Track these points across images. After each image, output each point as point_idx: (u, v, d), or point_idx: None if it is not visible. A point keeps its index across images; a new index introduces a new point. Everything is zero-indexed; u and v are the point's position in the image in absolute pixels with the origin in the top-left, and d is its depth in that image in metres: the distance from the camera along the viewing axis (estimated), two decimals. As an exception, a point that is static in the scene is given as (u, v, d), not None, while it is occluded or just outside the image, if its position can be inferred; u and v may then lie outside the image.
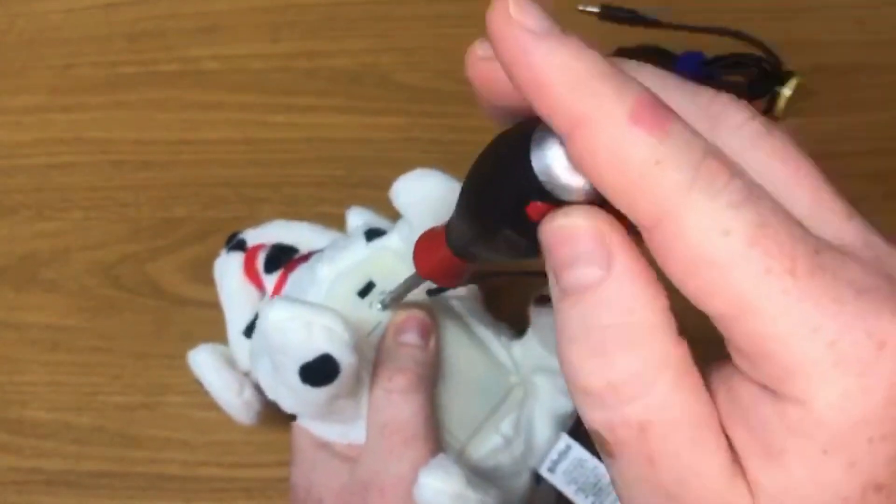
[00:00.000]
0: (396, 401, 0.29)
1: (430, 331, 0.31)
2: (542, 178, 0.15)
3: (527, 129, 0.15)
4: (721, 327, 0.15)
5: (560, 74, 0.14)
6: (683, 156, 0.14)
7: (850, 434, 0.14)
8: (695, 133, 0.14)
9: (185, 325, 0.44)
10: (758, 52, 0.52)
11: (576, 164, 0.15)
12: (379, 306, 0.32)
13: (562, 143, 0.15)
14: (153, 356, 0.44)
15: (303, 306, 0.28)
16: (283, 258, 0.37)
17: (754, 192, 0.14)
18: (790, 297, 0.14)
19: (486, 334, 0.33)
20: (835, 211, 0.16)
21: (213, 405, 0.42)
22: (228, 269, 0.37)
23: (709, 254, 0.14)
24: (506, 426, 0.32)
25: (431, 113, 0.51)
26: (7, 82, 0.53)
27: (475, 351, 0.33)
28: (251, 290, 0.37)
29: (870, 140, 0.49)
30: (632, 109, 0.14)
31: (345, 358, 0.28)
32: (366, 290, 0.32)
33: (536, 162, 0.15)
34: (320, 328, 0.27)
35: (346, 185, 0.48)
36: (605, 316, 0.15)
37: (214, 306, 0.38)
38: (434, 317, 0.32)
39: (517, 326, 0.35)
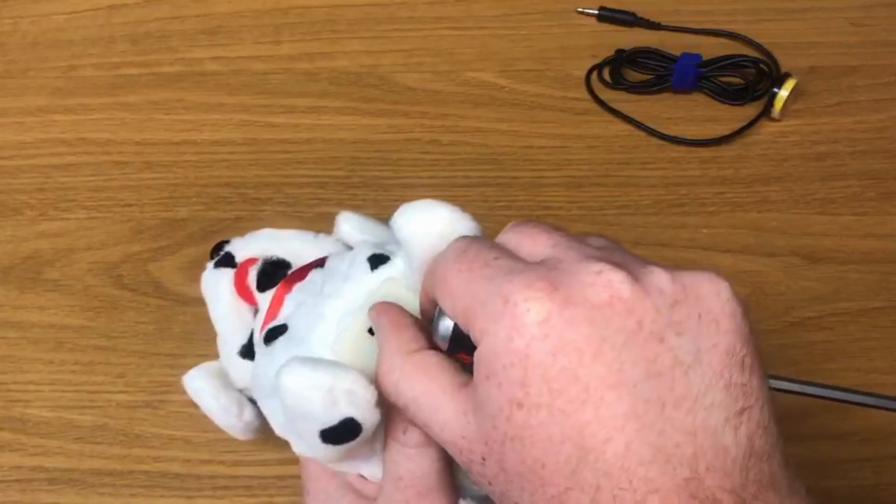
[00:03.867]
0: (412, 455, 0.28)
1: None
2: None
3: None
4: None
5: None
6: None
7: (492, 364, 0.21)
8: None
9: (188, 325, 0.45)
10: (755, 54, 0.52)
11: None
12: None
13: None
14: (156, 355, 0.44)
15: (322, 371, 0.27)
16: (276, 275, 0.35)
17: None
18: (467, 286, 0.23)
19: None
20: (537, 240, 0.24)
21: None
22: (218, 287, 0.36)
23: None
24: None
25: (431, 114, 0.51)
26: (11, 84, 0.53)
27: None
28: (244, 307, 0.36)
29: (865, 141, 0.50)
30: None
31: (368, 418, 0.27)
32: None
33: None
34: (343, 393, 0.27)
35: (347, 186, 0.49)
36: None
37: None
38: None
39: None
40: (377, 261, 0.32)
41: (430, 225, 0.28)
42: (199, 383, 0.35)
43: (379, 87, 0.52)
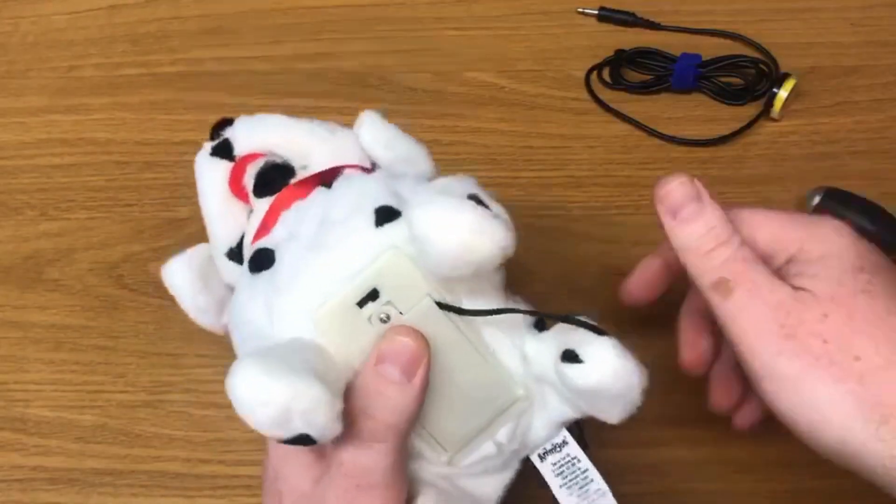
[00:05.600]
0: (358, 445, 0.27)
1: (418, 365, 0.27)
2: None
3: None
4: None
5: None
6: None
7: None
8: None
9: (188, 325, 0.44)
10: (754, 54, 0.52)
11: None
12: (380, 319, 0.27)
13: None
14: (156, 355, 0.44)
15: (279, 384, 0.23)
16: (276, 182, 0.31)
17: None
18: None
19: (499, 339, 0.29)
20: None
21: (214, 403, 0.42)
22: (211, 179, 0.33)
23: None
24: (502, 435, 0.29)
25: (432, 114, 0.51)
26: (11, 84, 0.53)
27: (480, 366, 0.29)
28: (236, 205, 0.32)
29: (864, 141, 0.49)
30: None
31: (326, 435, 0.25)
32: (367, 299, 0.27)
33: None
34: (300, 413, 0.24)
35: (347, 186, 0.49)
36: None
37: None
38: (436, 333, 0.27)
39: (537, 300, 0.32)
40: (385, 216, 0.27)
41: (450, 232, 0.25)
42: (177, 280, 0.32)
43: (380, 87, 0.52)
